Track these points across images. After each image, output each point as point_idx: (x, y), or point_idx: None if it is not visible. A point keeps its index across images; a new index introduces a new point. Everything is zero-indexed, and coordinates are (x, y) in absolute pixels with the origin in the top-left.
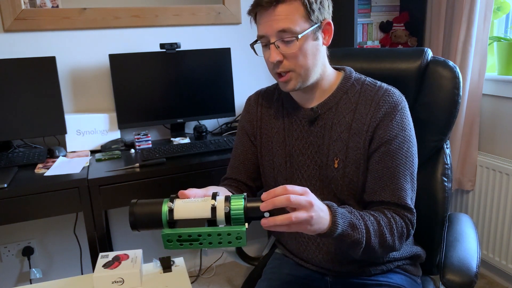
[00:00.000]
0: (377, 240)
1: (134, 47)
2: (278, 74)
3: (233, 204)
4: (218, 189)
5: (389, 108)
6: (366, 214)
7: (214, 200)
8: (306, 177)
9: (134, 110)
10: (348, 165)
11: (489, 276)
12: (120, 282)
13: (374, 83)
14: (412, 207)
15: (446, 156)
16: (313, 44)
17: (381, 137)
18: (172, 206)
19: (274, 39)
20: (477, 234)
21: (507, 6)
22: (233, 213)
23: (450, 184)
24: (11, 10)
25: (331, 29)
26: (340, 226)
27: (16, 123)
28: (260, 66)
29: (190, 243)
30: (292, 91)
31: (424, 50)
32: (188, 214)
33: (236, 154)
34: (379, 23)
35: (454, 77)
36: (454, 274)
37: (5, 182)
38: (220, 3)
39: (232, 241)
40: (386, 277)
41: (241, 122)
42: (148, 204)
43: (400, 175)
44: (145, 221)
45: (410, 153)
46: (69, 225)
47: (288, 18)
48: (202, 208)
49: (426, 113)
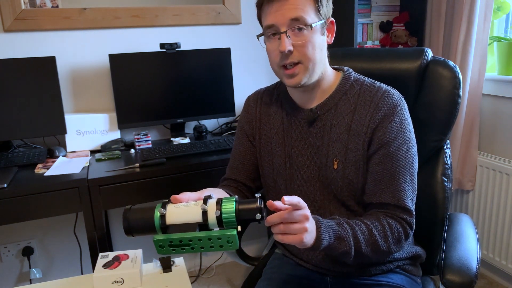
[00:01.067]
0: (369, 249)
1: (134, 47)
2: (284, 67)
3: (224, 207)
4: (214, 191)
5: (388, 110)
6: (357, 223)
7: (205, 204)
8: (306, 178)
9: (134, 110)
10: (348, 166)
11: (489, 276)
12: (120, 282)
13: (373, 83)
14: (411, 208)
15: (446, 156)
16: (321, 39)
17: (381, 139)
18: (164, 212)
19: (285, 28)
20: (477, 234)
21: (507, 6)
22: (224, 216)
23: (450, 184)
24: (11, 10)
25: (333, 28)
26: (325, 240)
27: (16, 123)
28: (260, 66)
29: (182, 248)
30: (297, 86)
31: (424, 50)
32: (179, 219)
33: (235, 154)
34: (379, 23)
35: (454, 77)
36: (454, 274)
37: (5, 182)
38: (220, 3)
39: (224, 245)
40: (387, 277)
41: (240, 122)
42: (141, 210)
43: (400, 176)
44: (138, 226)
45: (410, 154)
46: (69, 225)
47: (301, 8)
48: (194, 212)
49: (426, 113)
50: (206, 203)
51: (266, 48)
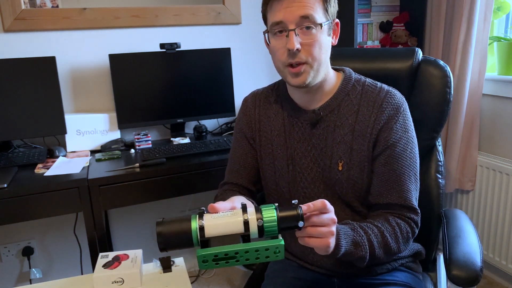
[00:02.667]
0: (381, 251)
1: (134, 47)
2: (289, 65)
3: (265, 216)
4: (241, 199)
5: (392, 111)
6: (369, 227)
7: (246, 214)
8: (310, 180)
9: (134, 110)
10: (353, 167)
11: (489, 276)
12: (120, 282)
13: (375, 84)
14: (417, 207)
15: (438, 153)
16: (327, 39)
17: (386, 140)
18: (203, 223)
19: (294, 26)
20: (475, 229)
21: (507, 6)
22: (266, 226)
23: (444, 181)
24: (11, 10)
25: (338, 30)
26: (343, 246)
27: (16, 123)
28: (260, 66)
29: (227, 261)
30: (301, 85)
31: (415, 49)
32: (220, 230)
33: (235, 157)
34: (379, 23)
35: (444, 76)
36: (460, 269)
37: (5, 182)
38: (220, 3)
39: (270, 255)
40: (392, 275)
41: (239, 124)
42: (175, 221)
43: (405, 177)
44: (174, 240)
45: (414, 154)
46: (69, 225)
47: (310, 6)
48: (234, 223)
49: (418, 112)
50: (246, 212)
51: (270, 45)
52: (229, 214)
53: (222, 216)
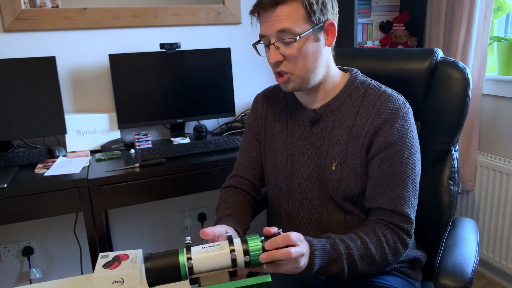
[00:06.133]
0: (364, 263)
1: (134, 47)
2: (278, 73)
3: (251, 249)
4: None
5: (389, 115)
6: (353, 239)
7: (231, 246)
8: (306, 177)
9: (134, 110)
10: (346, 169)
11: (489, 276)
12: (120, 282)
13: (379, 87)
14: (410, 216)
15: (453, 160)
16: (314, 46)
17: (380, 143)
18: (191, 262)
19: (274, 39)
20: (478, 239)
21: (507, 6)
22: (253, 259)
23: (457, 188)
24: (11, 10)
25: (334, 30)
26: (317, 264)
27: (16, 123)
28: (260, 66)
29: None
30: (292, 91)
31: (433, 50)
32: (208, 266)
33: (242, 151)
34: (379, 23)
35: (463, 79)
36: (447, 278)
37: (5, 182)
38: (220, 3)
39: None
40: (381, 278)
41: (248, 119)
42: (163, 256)
43: (399, 182)
44: (163, 276)
45: (412, 160)
46: (69, 225)
47: (288, 19)
48: (222, 259)
49: (434, 114)
50: (233, 246)
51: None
52: (216, 248)
53: (209, 250)
